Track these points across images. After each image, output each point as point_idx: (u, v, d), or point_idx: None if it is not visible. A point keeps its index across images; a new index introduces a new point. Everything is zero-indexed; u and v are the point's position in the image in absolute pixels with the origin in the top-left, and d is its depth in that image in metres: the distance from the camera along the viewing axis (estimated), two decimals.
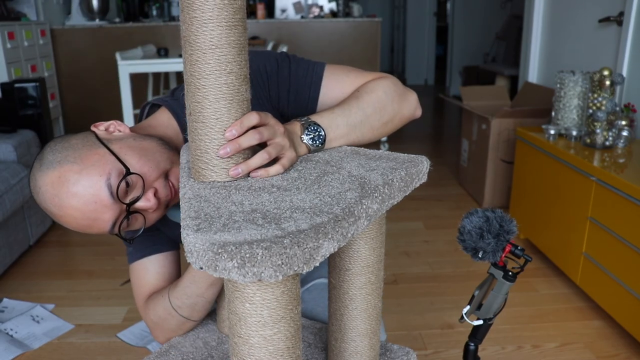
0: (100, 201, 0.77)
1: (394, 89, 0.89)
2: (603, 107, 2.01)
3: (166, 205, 0.85)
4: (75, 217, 0.77)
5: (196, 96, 0.66)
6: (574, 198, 2.00)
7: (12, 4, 3.68)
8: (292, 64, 0.91)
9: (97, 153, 0.78)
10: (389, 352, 0.91)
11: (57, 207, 0.77)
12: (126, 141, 0.82)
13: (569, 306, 2.02)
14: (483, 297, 0.78)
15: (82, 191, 0.76)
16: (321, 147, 0.79)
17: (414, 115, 0.92)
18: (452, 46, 6.94)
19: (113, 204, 0.77)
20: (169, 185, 0.84)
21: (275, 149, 0.70)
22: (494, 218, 0.73)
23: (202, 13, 0.62)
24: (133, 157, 0.80)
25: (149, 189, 0.81)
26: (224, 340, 0.97)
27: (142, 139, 0.84)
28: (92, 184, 0.76)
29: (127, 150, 0.81)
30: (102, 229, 0.81)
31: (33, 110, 2.63)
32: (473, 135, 3.06)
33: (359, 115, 0.83)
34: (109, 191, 0.77)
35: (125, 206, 0.79)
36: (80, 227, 0.80)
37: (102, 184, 0.76)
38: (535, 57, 3.16)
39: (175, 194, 0.85)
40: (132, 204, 0.80)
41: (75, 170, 0.76)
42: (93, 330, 1.89)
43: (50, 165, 0.77)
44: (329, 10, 4.98)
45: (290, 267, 0.51)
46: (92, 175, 0.76)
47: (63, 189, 0.76)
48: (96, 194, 0.76)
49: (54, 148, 0.79)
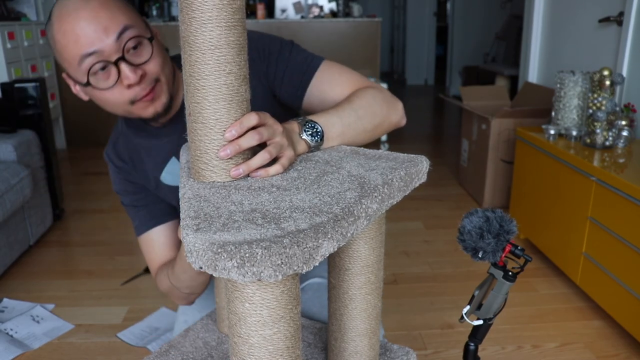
0: (107, 34, 0.80)
1: (382, 96, 0.93)
2: (603, 107, 2.01)
3: (131, 102, 0.87)
4: (79, 23, 0.79)
5: (195, 97, 0.66)
6: (574, 198, 2.00)
7: (12, 4, 3.68)
8: (293, 50, 0.95)
9: (138, 15, 0.86)
10: (389, 352, 0.91)
11: (70, 11, 0.79)
12: (162, 47, 0.90)
13: (569, 306, 2.02)
14: (483, 297, 0.78)
15: (105, 16, 0.80)
16: (320, 143, 0.80)
17: (399, 122, 0.96)
18: (452, 46, 6.95)
19: (113, 44, 0.81)
20: (152, 87, 0.87)
21: (276, 149, 0.71)
22: (494, 218, 0.73)
23: (201, 13, 0.62)
24: (157, 44, 0.87)
25: (140, 69, 0.84)
26: (224, 340, 0.97)
27: (171, 62, 0.93)
28: (116, 18, 0.81)
29: (160, 48, 0.88)
30: (84, 48, 0.81)
31: (33, 110, 2.63)
32: (473, 135, 3.06)
33: (352, 116, 0.86)
34: (119, 32, 0.81)
35: (121, 55, 0.82)
36: (73, 34, 0.80)
37: (122, 25, 0.81)
38: (535, 57, 3.16)
39: (149, 99, 0.87)
40: (124, 59, 0.82)
41: (118, 5, 0.82)
42: (93, 330, 1.89)
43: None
44: (329, 10, 4.98)
45: (290, 266, 0.51)
46: (123, 17, 0.82)
47: (90, 3, 0.80)
48: (111, 27, 0.80)
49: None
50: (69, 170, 3.77)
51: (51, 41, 0.84)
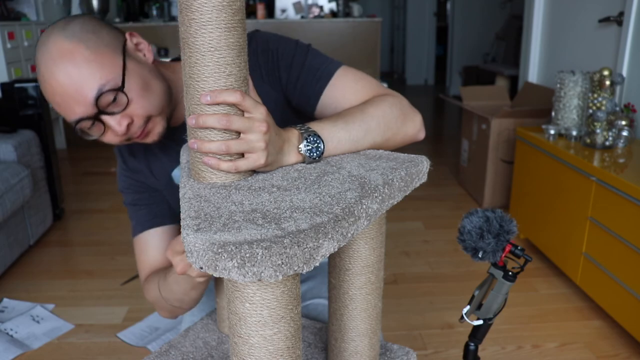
0: (82, 95, 0.78)
1: (400, 107, 0.87)
2: (603, 107, 2.01)
3: (127, 140, 0.86)
4: (53, 88, 0.79)
5: (195, 98, 0.66)
6: (574, 198, 2.00)
7: (12, 4, 3.68)
8: (309, 54, 0.91)
9: (112, 58, 0.80)
10: (389, 352, 0.91)
11: (49, 71, 0.78)
12: (141, 67, 0.84)
13: (569, 306, 2.02)
14: (483, 297, 0.78)
15: (76, 77, 0.77)
16: (317, 160, 0.75)
17: (417, 136, 0.90)
18: (452, 46, 6.94)
19: (91, 105, 0.79)
20: (143, 128, 0.85)
21: (240, 146, 0.66)
22: (494, 218, 0.73)
23: (201, 15, 0.62)
24: (137, 84, 0.82)
25: (126, 116, 0.82)
26: (224, 340, 0.97)
27: (155, 76, 0.86)
28: (87, 79, 0.78)
29: (136, 75, 0.82)
30: (68, 116, 0.81)
31: (33, 110, 2.63)
32: (473, 135, 3.06)
33: (361, 129, 0.80)
34: (96, 94, 0.78)
35: (97, 111, 0.80)
36: (51, 99, 0.81)
37: (95, 84, 0.78)
38: (535, 57, 3.16)
39: (143, 136, 0.86)
40: (104, 113, 0.81)
41: (84, 56, 0.78)
42: (93, 330, 1.89)
43: (72, 36, 0.78)
44: (329, 10, 4.98)
45: (290, 267, 0.52)
46: (94, 72, 0.78)
47: (64, 62, 0.77)
48: (84, 87, 0.78)
49: (85, 26, 0.80)
50: (69, 170, 3.77)
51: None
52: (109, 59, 0.80)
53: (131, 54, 0.84)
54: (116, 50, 0.81)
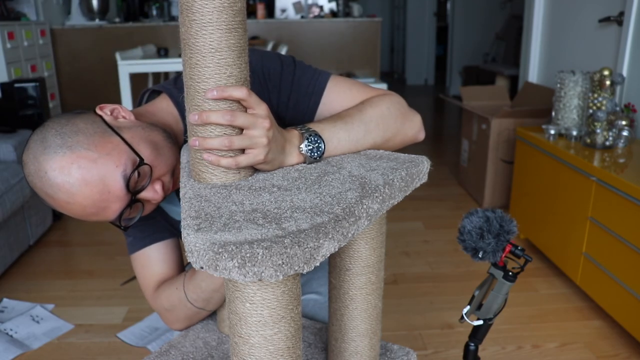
0: (113, 192, 0.75)
1: (398, 107, 0.86)
2: (603, 107, 2.01)
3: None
4: (84, 206, 0.74)
5: (196, 100, 0.66)
6: (574, 198, 2.00)
7: (12, 4, 3.68)
8: (297, 70, 0.88)
9: (110, 142, 0.76)
10: (389, 352, 0.91)
11: (67, 194, 0.73)
12: (136, 131, 0.80)
13: (569, 306, 2.02)
14: (483, 297, 0.78)
15: (97, 180, 0.73)
16: (318, 160, 0.76)
17: (416, 137, 0.90)
18: (452, 46, 6.94)
19: (125, 195, 0.76)
20: (172, 180, 0.84)
21: (243, 142, 0.66)
22: (494, 218, 0.73)
23: (202, 16, 0.62)
24: (146, 148, 0.78)
25: (156, 181, 0.80)
26: (224, 340, 0.97)
27: (149, 129, 0.83)
28: (106, 175, 0.74)
29: (140, 141, 0.79)
30: (108, 218, 0.78)
31: (33, 110, 2.63)
32: (473, 135, 3.06)
33: (361, 129, 0.80)
34: (125, 182, 0.75)
35: (131, 195, 0.78)
36: (84, 215, 0.77)
37: (119, 175, 0.74)
38: (535, 57, 3.16)
39: (176, 183, 0.85)
40: (138, 192, 0.79)
41: (90, 158, 0.73)
42: (93, 330, 1.89)
43: (59, 149, 0.73)
44: (329, 10, 4.99)
45: (291, 266, 0.52)
46: (109, 165, 0.74)
47: (76, 176, 0.72)
48: (109, 185, 0.74)
49: (60, 131, 0.75)
50: None
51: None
52: (109, 143, 0.75)
53: (118, 125, 0.80)
54: (105, 131, 0.77)
